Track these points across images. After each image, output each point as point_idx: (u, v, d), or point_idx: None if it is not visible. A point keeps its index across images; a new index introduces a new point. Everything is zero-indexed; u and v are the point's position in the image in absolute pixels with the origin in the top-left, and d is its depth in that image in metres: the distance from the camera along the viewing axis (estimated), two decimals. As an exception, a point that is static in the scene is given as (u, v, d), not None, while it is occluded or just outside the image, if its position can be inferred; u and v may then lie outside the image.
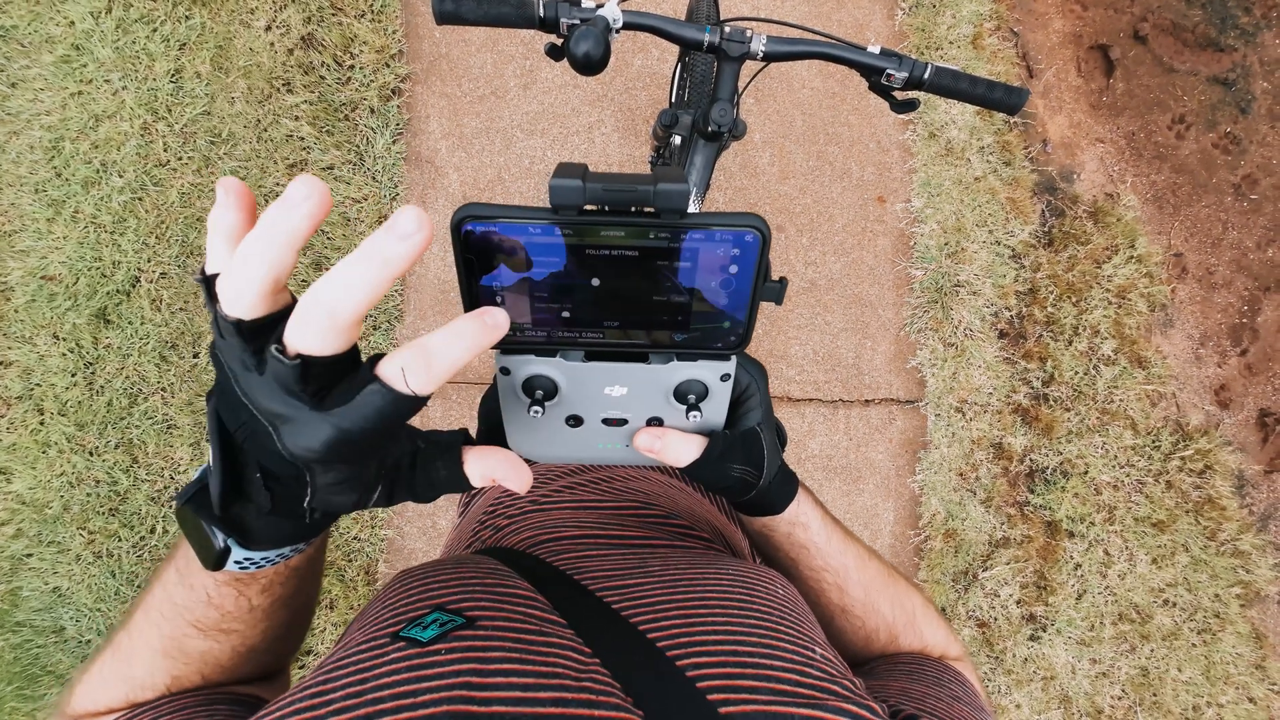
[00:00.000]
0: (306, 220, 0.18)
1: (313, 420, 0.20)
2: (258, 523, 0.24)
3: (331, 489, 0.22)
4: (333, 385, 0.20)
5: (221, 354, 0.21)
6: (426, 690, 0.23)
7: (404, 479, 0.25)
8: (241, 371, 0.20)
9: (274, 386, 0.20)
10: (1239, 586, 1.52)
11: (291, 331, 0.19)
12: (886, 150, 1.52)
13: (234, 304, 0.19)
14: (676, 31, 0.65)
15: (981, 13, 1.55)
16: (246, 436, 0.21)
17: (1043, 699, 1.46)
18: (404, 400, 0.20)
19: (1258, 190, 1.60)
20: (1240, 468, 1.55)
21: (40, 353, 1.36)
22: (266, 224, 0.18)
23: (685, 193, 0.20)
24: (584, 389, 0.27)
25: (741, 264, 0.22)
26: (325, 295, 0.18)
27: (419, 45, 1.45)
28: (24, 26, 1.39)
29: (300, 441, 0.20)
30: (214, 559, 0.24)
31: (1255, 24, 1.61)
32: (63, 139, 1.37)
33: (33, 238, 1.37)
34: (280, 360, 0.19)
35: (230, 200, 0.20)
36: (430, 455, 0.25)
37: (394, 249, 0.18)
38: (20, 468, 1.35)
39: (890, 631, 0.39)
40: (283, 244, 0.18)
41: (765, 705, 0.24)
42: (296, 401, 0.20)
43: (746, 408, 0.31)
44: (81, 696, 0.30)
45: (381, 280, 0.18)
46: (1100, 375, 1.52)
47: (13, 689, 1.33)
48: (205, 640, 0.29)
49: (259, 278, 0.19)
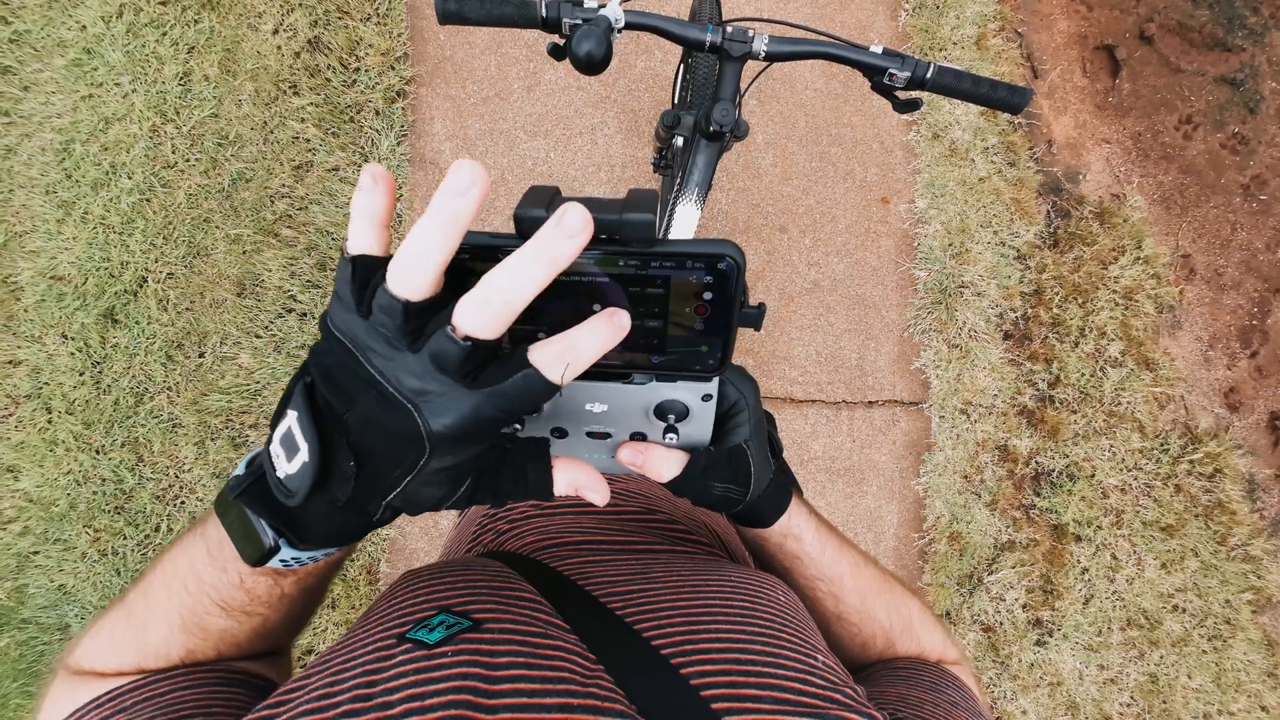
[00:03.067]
0: (474, 204, 0.19)
1: (462, 397, 0.21)
2: (318, 520, 0.24)
3: (433, 478, 0.22)
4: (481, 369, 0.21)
5: (355, 334, 0.21)
6: (434, 693, 0.23)
7: (488, 479, 0.25)
8: (386, 350, 0.21)
9: (427, 365, 0.20)
10: (1250, 592, 1.49)
11: (467, 315, 0.20)
12: (890, 151, 1.52)
13: (406, 285, 0.20)
14: (678, 31, 0.65)
15: (985, 13, 1.54)
16: (357, 419, 0.21)
17: (1049, 705, 1.45)
18: (548, 387, 0.21)
19: (1267, 191, 1.59)
20: (1251, 471, 1.53)
21: (49, 352, 1.37)
22: (439, 210, 0.19)
23: (651, 222, 0.20)
24: (566, 404, 0.27)
25: (716, 291, 0.22)
26: (504, 285, 0.20)
27: (424, 48, 1.46)
28: (37, 31, 1.41)
29: (443, 418, 0.21)
30: (258, 556, 0.24)
31: (1263, 24, 1.60)
32: (73, 141, 1.39)
33: (43, 238, 1.39)
34: (453, 340, 0.20)
35: (378, 186, 0.21)
36: (519, 458, 0.25)
37: (564, 246, 0.19)
38: (28, 465, 1.36)
39: (887, 638, 0.39)
40: (456, 229, 0.19)
41: (769, 714, 0.24)
42: (449, 379, 0.21)
43: (734, 424, 0.31)
44: (89, 653, 0.30)
45: (551, 276, 0.20)
46: (1107, 377, 1.50)
47: (18, 686, 1.34)
48: (227, 620, 0.29)
49: (435, 262, 0.20)
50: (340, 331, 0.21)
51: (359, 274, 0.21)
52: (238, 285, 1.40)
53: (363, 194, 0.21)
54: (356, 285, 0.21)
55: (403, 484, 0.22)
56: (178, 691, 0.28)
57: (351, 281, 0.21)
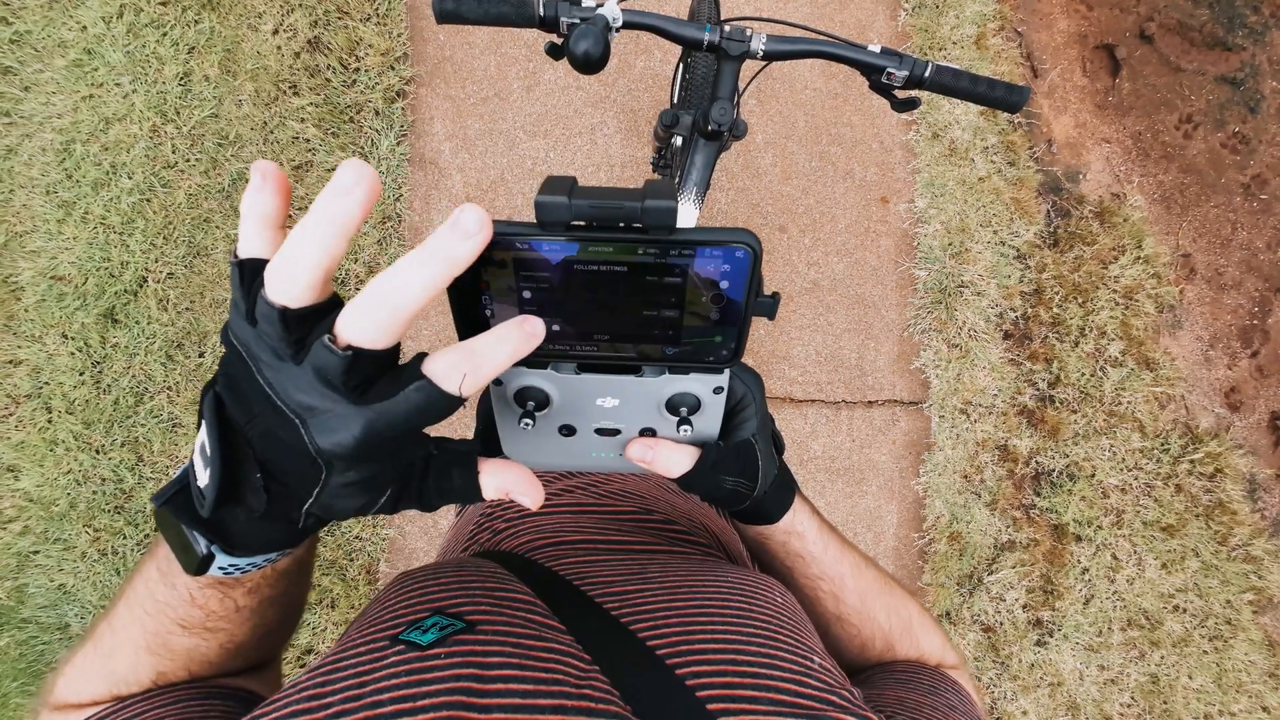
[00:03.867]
0: (359, 206, 0.18)
1: (349, 414, 0.19)
2: (245, 528, 0.23)
3: (342, 491, 0.22)
4: (371, 382, 0.20)
5: (248, 343, 0.20)
6: (425, 695, 0.23)
7: (413, 486, 0.24)
8: (272, 361, 0.20)
9: (311, 378, 0.19)
10: (1251, 592, 1.49)
11: (348, 322, 0.19)
12: (890, 150, 1.51)
13: (283, 291, 0.19)
14: (676, 30, 0.65)
15: (985, 13, 1.54)
16: (258, 433, 0.21)
17: (1050, 706, 1.44)
18: (447, 400, 0.20)
19: (1267, 190, 1.58)
20: (1251, 471, 1.53)
21: (49, 351, 1.37)
22: (320, 211, 0.18)
23: (673, 209, 0.20)
24: (576, 400, 0.27)
25: (732, 280, 0.22)
26: (389, 288, 0.18)
27: (423, 48, 1.46)
28: (37, 31, 1.41)
29: (332, 436, 0.20)
30: (195, 564, 0.24)
31: (1264, 23, 1.60)
32: (74, 141, 1.39)
33: (43, 238, 1.39)
34: (331, 350, 0.19)
35: (267, 184, 0.20)
36: (444, 463, 0.24)
37: (458, 248, 0.18)
38: (28, 465, 1.36)
39: (886, 640, 0.39)
40: (338, 232, 0.18)
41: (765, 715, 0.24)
42: (335, 394, 0.19)
43: (742, 418, 0.30)
44: (65, 688, 0.30)
45: (444, 277, 0.18)
46: (1107, 377, 1.50)
47: (18, 685, 1.34)
48: (190, 638, 0.28)
49: (313, 265, 0.19)
50: (237, 339, 0.20)
51: (246, 278, 0.20)
52: (238, 285, 1.40)
53: (252, 193, 0.20)
54: (245, 291, 0.20)
55: (313, 496, 0.22)
56: (154, 711, 0.28)
57: (240, 286, 0.20)
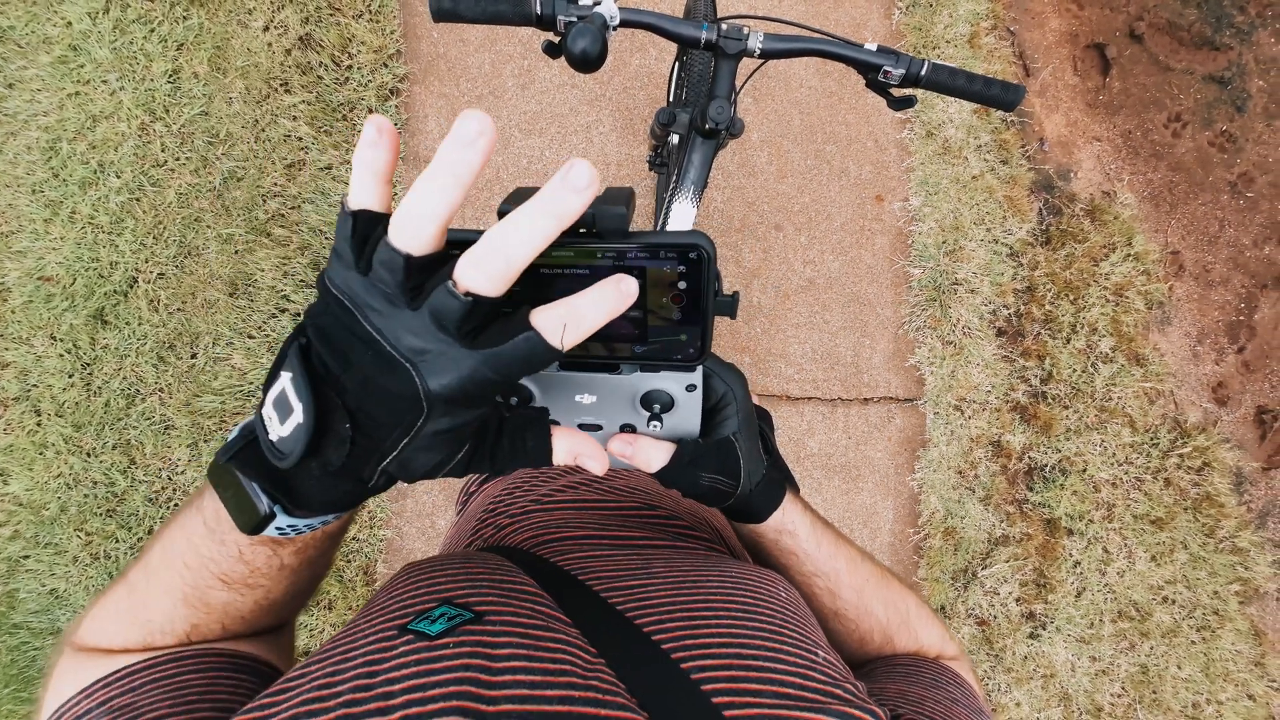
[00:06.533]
0: (480, 156, 0.19)
1: (460, 356, 0.20)
2: (314, 485, 0.23)
3: (429, 442, 0.22)
4: (481, 330, 0.21)
5: (355, 291, 0.21)
6: (435, 684, 0.23)
7: (487, 446, 0.25)
8: (384, 307, 0.20)
9: (426, 322, 0.20)
10: (1238, 583, 1.52)
11: (467, 271, 0.19)
12: (884, 149, 1.52)
13: (410, 239, 0.19)
14: (673, 29, 0.65)
15: (978, 12, 1.55)
16: (356, 381, 0.21)
17: (1043, 697, 1.46)
18: (550, 351, 0.21)
19: (1254, 188, 1.61)
20: (1238, 465, 1.56)
21: (37, 354, 1.35)
22: (445, 161, 0.19)
23: (623, 215, 0.21)
24: (557, 397, 0.28)
25: (689, 280, 0.23)
26: (505, 241, 0.19)
27: (417, 45, 1.45)
28: (21, 27, 1.39)
29: (442, 378, 0.20)
30: (254, 523, 0.24)
31: (1250, 23, 1.62)
32: (60, 139, 1.37)
33: (30, 238, 1.37)
34: (454, 295, 0.19)
35: (382, 139, 0.20)
36: (518, 425, 0.25)
37: (569, 202, 0.19)
38: (17, 469, 1.34)
39: (885, 633, 0.39)
40: (461, 180, 0.19)
41: (769, 709, 0.24)
42: (448, 338, 0.20)
43: (722, 416, 0.31)
44: (94, 630, 0.30)
45: (554, 231, 0.19)
46: (1098, 373, 1.52)
47: (9, 692, 1.33)
48: (230, 593, 0.29)
49: (439, 214, 0.19)
50: (339, 289, 0.21)
51: (359, 229, 0.21)
52: (230, 285, 1.38)
53: (366, 147, 0.20)
54: (356, 241, 0.20)
55: (399, 447, 0.22)
56: (185, 675, 0.28)
57: (351, 237, 0.20)
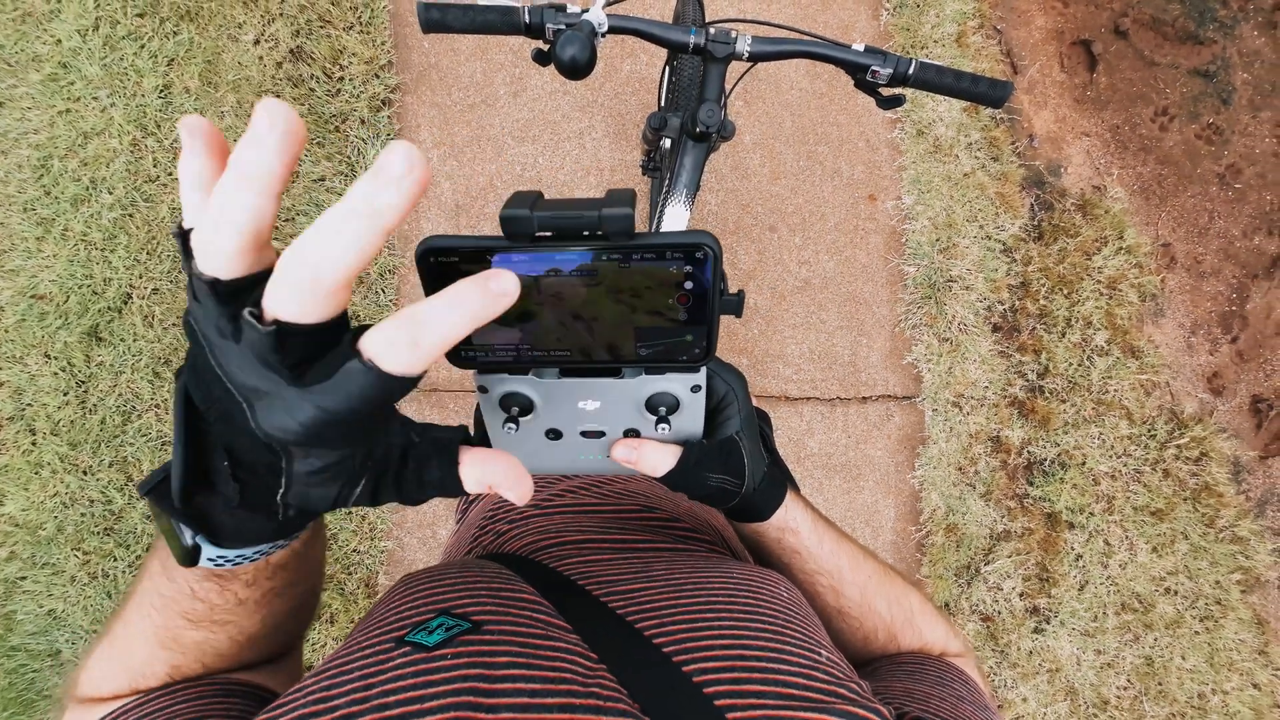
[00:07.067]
0: (279, 154, 0.16)
1: (291, 398, 0.17)
2: (226, 518, 0.22)
3: (310, 480, 0.20)
4: (315, 358, 0.18)
5: (196, 320, 0.18)
6: (433, 696, 0.23)
7: (391, 476, 0.22)
8: (217, 339, 0.18)
9: (250, 357, 0.17)
10: (1239, 572, 1.52)
11: (270, 294, 0.17)
12: (876, 149, 1.53)
13: (209, 260, 0.17)
14: (662, 34, 0.65)
15: (965, 11, 1.57)
16: (217, 416, 0.19)
17: (1049, 691, 1.46)
18: (388, 381, 0.17)
19: (1241, 179, 1.62)
20: (1236, 454, 1.56)
21: (31, 372, 1.35)
22: (237, 166, 0.16)
23: (628, 215, 0.21)
24: (559, 404, 0.28)
25: (695, 280, 0.23)
26: (309, 254, 0.16)
27: (408, 56, 1.45)
28: (10, 45, 1.39)
29: (275, 421, 0.18)
30: (185, 556, 0.23)
31: (1233, 16, 1.64)
32: (51, 157, 1.37)
33: (22, 256, 1.36)
34: (254, 326, 0.17)
35: (196, 144, 0.17)
36: (425, 452, 0.23)
37: (385, 197, 0.15)
38: (13, 489, 1.33)
39: (889, 631, 0.39)
40: (259, 186, 0.16)
41: (773, 710, 0.24)
42: (274, 375, 0.17)
43: (724, 416, 0.31)
44: (85, 682, 0.30)
45: (373, 235, 0.16)
46: (1094, 366, 1.52)
47: (8, 715, 1.31)
48: (200, 631, 0.28)
49: (236, 229, 0.16)
50: (192, 318, 0.18)
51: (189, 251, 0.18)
52: (225, 299, 1.38)
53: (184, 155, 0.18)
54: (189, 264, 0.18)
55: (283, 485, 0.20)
56: (173, 706, 0.28)
57: (185, 262, 0.18)
